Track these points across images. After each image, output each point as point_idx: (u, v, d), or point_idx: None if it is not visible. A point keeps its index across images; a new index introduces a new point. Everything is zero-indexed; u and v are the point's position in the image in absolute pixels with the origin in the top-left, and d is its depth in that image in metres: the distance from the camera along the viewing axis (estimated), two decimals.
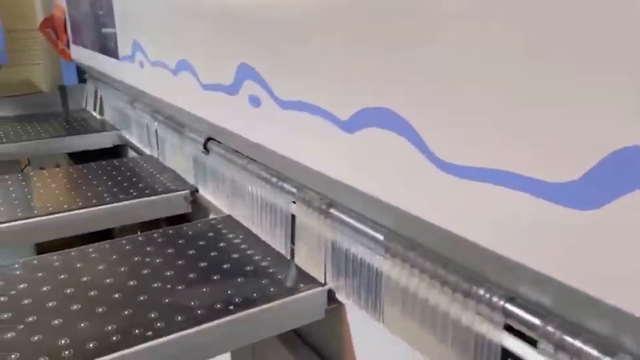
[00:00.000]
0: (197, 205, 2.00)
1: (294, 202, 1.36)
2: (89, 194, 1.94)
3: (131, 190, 1.98)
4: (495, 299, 0.83)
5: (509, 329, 0.85)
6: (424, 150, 0.74)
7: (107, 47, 2.42)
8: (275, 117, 1.10)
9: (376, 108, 0.81)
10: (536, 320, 0.78)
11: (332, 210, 1.21)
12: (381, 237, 1.06)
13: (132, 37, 1.96)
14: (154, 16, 1.71)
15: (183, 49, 1.50)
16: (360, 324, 1.24)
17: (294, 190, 1.34)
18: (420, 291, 0.99)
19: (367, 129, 0.84)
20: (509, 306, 0.82)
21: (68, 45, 3.21)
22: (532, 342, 0.85)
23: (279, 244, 1.45)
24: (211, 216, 1.88)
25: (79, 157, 3.01)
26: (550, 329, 0.75)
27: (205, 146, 1.83)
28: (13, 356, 1.01)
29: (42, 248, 1.62)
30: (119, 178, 2.13)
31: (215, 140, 1.82)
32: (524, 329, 0.80)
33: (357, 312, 1.24)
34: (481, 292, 0.85)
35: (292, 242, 1.41)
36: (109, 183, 2.07)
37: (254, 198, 1.55)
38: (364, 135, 0.85)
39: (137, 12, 1.87)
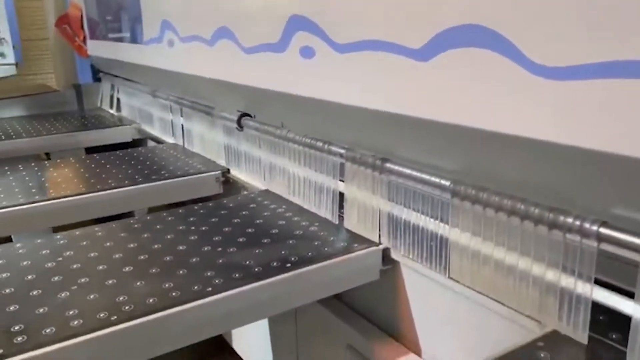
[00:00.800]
0: (229, 187, 1.96)
1: (342, 164, 1.33)
2: (120, 176, 1.91)
3: (163, 172, 1.95)
4: (587, 224, 0.80)
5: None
6: (518, 59, 0.70)
7: (129, 34, 2.40)
8: (332, 64, 1.07)
9: (455, 27, 0.78)
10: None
11: (387, 165, 1.18)
12: (447, 183, 1.03)
13: (160, 18, 1.94)
14: None
15: (221, 16, 1.48)
16: (417, 283, 1.20)
17: (342, 151, 1.31)
18: (495, 231, 0.95)
19: (445, 52, 0.81)
20: (604, 230, 0.78)
21: (84, 42, 3.20)
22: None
23: (326, 211, 1.42)
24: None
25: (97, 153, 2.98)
26: None
27: (239, 122, 1.80)
28: (71, 312, 0.98)
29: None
30: (147, 163, 2.10)
31: (249, 115, 1.80)
32: (623, 252, 0.77)
33: (413, 272, 1.20)
34: (570, 220, 0.82)
35: (340, 208, 1.38)
36: (138, 167, 2.04)
37: (295, 167, 1.52)
38: (442, 60, 0.83)
39: None
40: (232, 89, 1.77)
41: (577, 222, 0.81)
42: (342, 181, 1.36)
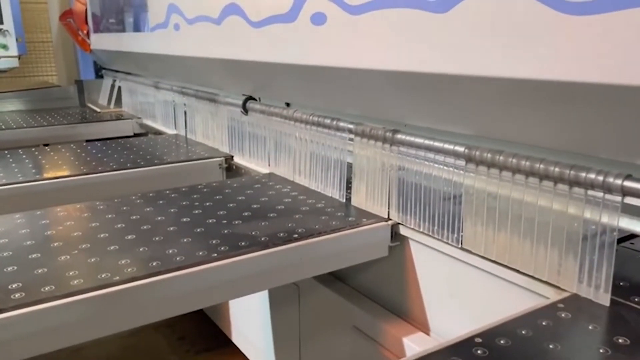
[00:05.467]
0: (232, 174, 1.94)
1: (351, 140, 1.30)
2: (121, 160, 1.88)
3: (164, 158, 1.92)
4: (610, 179, 0.77)
5: None
6: None
7: (134, 24, 2.39)
8: (346, 27, 1.05)
9: None
10: None
11: (398, 136, 1.15)
12: (461, 149, 1.01)
13: (166, 2, 1.93)
14: None
15: None
16: (426, 258, 1.17)
17: (351, 126, 1.29)
18: (512, 195, 0.93)
19: (464, 0, 0.79)
20: (629, 183, 0.76)
21: (88, 36, 3.18)
22: None
23: (333, 190, 1.39)
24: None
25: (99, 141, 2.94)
26: None
27: (244, 106, 1.78)
28: (72, 273, 0.94)
29: None
30: (149, 150, 2.07)
31: (254, 99, 1.78)
32: None
33: (422, 247, 1.17)
34: (592, 175, 0.79)
35: (347, 188, 1.35)
36: (140, 153, 2.01)
37: (302, 148, 1.49)
38: (461, 10, 0.80)
39: None
40: (236, 73, 1.75)
41: (600, 177, 0.78)
42: (350, 160, 1.33)
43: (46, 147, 2.20)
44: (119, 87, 3.30)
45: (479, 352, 0.71)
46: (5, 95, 3.31)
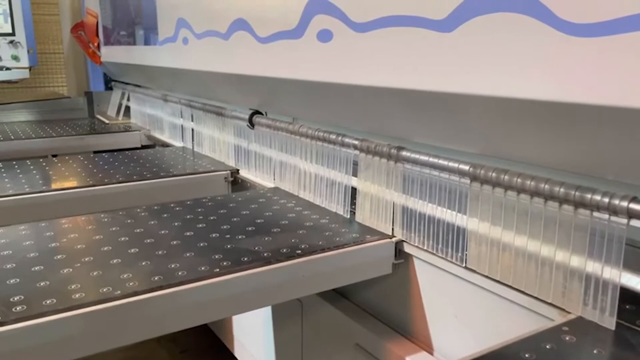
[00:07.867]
0: (237, 187, 1.94)
1: (355, 157, 1.30)
2: (128, 172, 1.89)
3: (171, 171, 1.93)
4: (616, 201, 0.76)
5: None
6: (549, 20, 0.68)
7: (144, 37, 2.41)
8: (351, 45, 1.06)
9: None
10: None
11: (403, 153, 1.15)
12: (466, 167, 1.00)
13: (175, 17, 1.95)
14: None
15: (238, 8, 1.48)
16: (430, 276, 1.16)
17: (356, 142, 1.28)
18: (517, 215, 0.92)
19: (471, 20, 0.79)
20: (635, 206, 0.75)
21: (99, 48, 3.22)
22: None
23: (337, 205, 1.39)
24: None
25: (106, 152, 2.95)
26: None
27: (250, 120, 1.78)
28: (74, 286, 0.94)
29: None
30: (156, 162, 2.08)
31: (260, 113, 1.79)
32: None
33: (426, 265, 1.16)
34: (598, 197, 0.79)
35: (352, 203, 1.35)
36: (147, 165, 2.02)
37: (306, 163, 1.49)
38: (466, 29, 0.80)
39: None
40: (243, 87, 1.76)
41: (606, 199, 0.78)
42: (355, 176, 1.33)
43: (54, 158, 2.21)
44: (128, 99, 3.32)
45: None
46: (15, 106, 3.34)
